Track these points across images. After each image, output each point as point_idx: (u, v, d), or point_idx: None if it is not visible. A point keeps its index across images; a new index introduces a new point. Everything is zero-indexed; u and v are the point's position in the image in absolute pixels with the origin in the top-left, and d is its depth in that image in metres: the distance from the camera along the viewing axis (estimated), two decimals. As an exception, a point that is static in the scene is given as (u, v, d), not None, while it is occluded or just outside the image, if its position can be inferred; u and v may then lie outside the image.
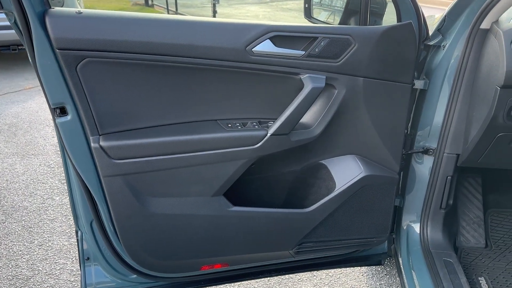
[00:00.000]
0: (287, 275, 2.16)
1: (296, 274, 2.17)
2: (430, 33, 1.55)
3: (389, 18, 1.60)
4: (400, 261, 1.72)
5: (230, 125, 1.35)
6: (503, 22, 1.37)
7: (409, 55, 1.40)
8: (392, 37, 1.36)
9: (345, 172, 1.48)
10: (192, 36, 1.23)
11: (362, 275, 2.22)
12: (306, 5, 1.72)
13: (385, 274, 2.22)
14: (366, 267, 2.25)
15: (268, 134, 1.33)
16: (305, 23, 1.49)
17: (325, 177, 1.51)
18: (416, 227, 1.73)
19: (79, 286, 2.10)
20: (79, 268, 1.89)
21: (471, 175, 1.93)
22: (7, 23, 1.16)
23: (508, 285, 1.63)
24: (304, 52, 1.32)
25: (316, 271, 2.20)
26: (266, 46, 1.29)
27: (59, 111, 1.21)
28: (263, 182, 1.54)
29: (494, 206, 1.95)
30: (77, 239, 1.53)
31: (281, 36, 1.29)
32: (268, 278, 1.99)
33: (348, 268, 2.25)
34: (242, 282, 2.10)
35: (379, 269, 2.26)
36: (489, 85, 1.36)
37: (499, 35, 1.31)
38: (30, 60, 1.17)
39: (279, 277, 2.13)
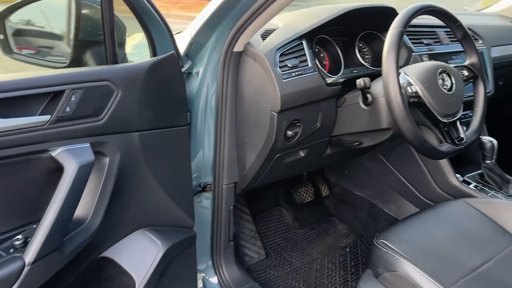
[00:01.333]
0: None
1: None
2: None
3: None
4: None
5: None
6: (254, 43, 1.31)
7: (179, 91, 1.16)
8: (158, 74, 1.07)
9: (139, 256, 1.11)
10: None
11: None
12: (1, 36, 1.14)
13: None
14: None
15: (26, 265, 0.80)
16: (38, 69, 0.95)
17: (115, 274, 1.09)
18: (211, 272, 1.55)
19: None
20: None
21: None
22: None
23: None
24: (49, 116, 0.85)
25: None
26: None
27: None
28: None
29: (258, 213, 2.00)
30: None
31: (7, 99, 0.78)
32: None
33: None
34: None
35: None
36: (261, 110, 1.29)
37: (260, 59, 1.24)
38: None
39: None
